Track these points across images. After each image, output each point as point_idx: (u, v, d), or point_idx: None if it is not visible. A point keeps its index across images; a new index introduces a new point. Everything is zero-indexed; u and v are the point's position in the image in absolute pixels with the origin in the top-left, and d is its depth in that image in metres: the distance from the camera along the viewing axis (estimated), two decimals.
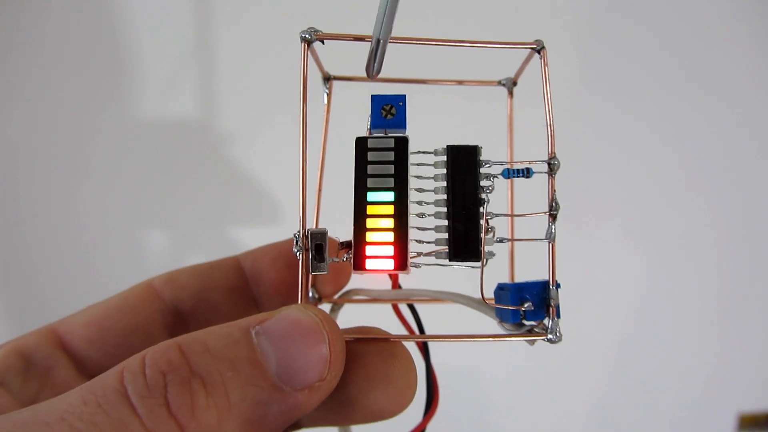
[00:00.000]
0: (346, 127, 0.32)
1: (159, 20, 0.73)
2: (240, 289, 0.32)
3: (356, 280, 0.32)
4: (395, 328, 0.32)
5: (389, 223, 0.24)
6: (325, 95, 0.34)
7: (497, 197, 0.27)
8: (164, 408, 0.20)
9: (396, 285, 0.31)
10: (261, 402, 0.21)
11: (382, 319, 0.34)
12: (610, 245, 0.76)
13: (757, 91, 0.78)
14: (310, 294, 0.32)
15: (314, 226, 0.33)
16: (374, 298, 0.32)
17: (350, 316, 0.35)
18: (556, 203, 0.25)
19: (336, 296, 0.33)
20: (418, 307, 0.31)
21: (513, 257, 0.33)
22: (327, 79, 0.33)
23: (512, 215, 0.26)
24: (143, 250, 0.76)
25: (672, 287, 0.79)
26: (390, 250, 0.24)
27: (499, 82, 0.34)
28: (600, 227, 0.76)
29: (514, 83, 0.33)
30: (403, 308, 0.31)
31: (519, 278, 0.34)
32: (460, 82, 0.35)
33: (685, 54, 0.77)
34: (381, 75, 0.35)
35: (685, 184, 0.78)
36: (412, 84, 0.33)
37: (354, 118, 0.31)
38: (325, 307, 0.34)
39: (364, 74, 0.34)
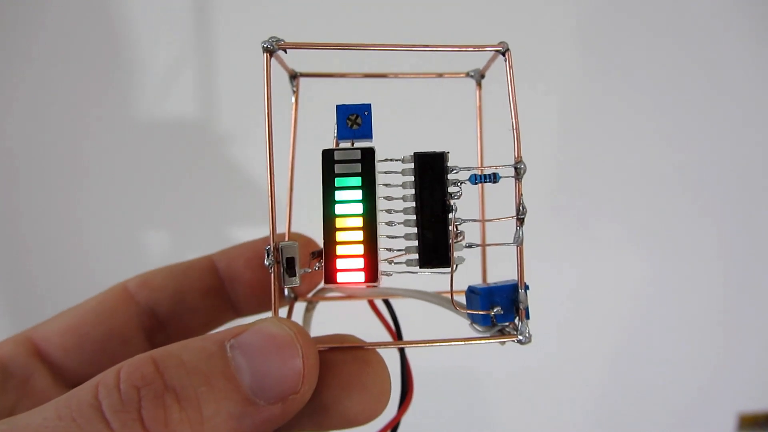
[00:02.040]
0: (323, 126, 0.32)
1: (158, 20, 0.72)
2: (215, 290, 0.32)
3: None
4: (371, 324, 0.32)
5: (359, 235, 0.24)
6: (293, 93, 0.33)
7: (469, 201, 0.27)
8: (138, 423, 0.20)
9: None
10: (234, 416, 0.22)
11: (358, 314, 0.34)
12: (610, 245, 0.76)
13: (759, 90, 0.78)
14: (286, 293, 0.32)
15: (286, 230, 0.33)
16: (349, 295, 0.33)
17: (326, 313, 0.35)
18: (523, 207, 0.25)
19: (311, 294, 0.33)
20: (393, 303, 0.31)
21: (485, 262, 0.33)
22: (293, 76, 0.33)
23: (483, 220, 0.26)
24: (142, 250, 0.76)
25: (672, 287, 0.79)
26: (360, 263, 0.24)
27: (467, 74, 0.34)
28: (601, 227, 0.76)
29: (482, 75, 0.33)
30: (380, 304, 0.32)
31: (497, 276, 0.34)
32: (427, 75, 0.34)
33: (688, 50, 0.77)
34: (351, 70, 0.34)
35: (685, 183, 0.78)
36: (384, 82, 0.32)
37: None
38: (301, 305, 0.34)
39: (337, 69, 0.34)
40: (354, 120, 0.25)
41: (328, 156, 0.25)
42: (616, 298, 0.78)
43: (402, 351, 0.30)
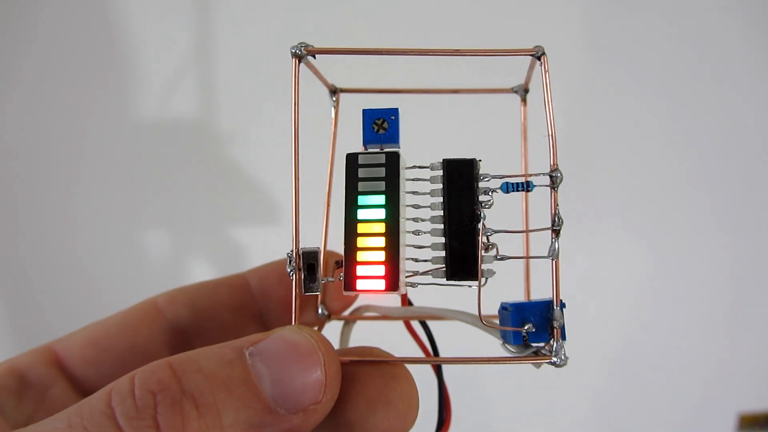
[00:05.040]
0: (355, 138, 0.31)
1: (159, 20, 0.73)
2: (247, 307, 0.32)
3: (367, 297, 0.32)
4: (407, 344, 0.31)
5: (380, 241, 0.23)
6: (332, 108, 0.33)
7: (502, 211, 0.26)
8: (153, 430, 0.19)
9: (405, 302, 0.30)
10: (254, 425, 0.21)
11: (394, 334, 0.33)
12: (611, 245, 0.75)
13: (761, 88, 0.76)
14: (320, 311, 0.32)
15: (323, 244, 0.32)
16: (384, 315, 0.31)
17: (362, 332, 0.34)
18: (559, 218, 0.24)
19: (346, 312, 0.33)
20: (429, 323, 0.30)
21: (528, 275, 0.31)
22: (333, 91, 0.33)
23: (511, 231, 0.24)
24: (142, 251, 0.76)
25: (673, 287, 0.77)
26: (381, 270, 0.23)
27: (512, 90, 0.33)
28: (601, 226, 0.74)
29: (526, 90, 0.32)
30: (416, 325, 0.31)
31: (536, 294, 0.32)
32: (472, 91, 0.34)
33: (687, 49, 0.75)
34: (392, 86, 0.34)
35: (686, 183, 0.76)
36: (419, 94, 0.32)
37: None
38: (335, 324, 0.33)
39: (374, 84, 0.33)
40: (380, 124, 0.24)
41: (351, 159, 0.24)
42: (616, 297, 0.77)
43: (439, 371, 0.29)
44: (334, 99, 0.33)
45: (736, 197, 0.77)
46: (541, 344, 0.24)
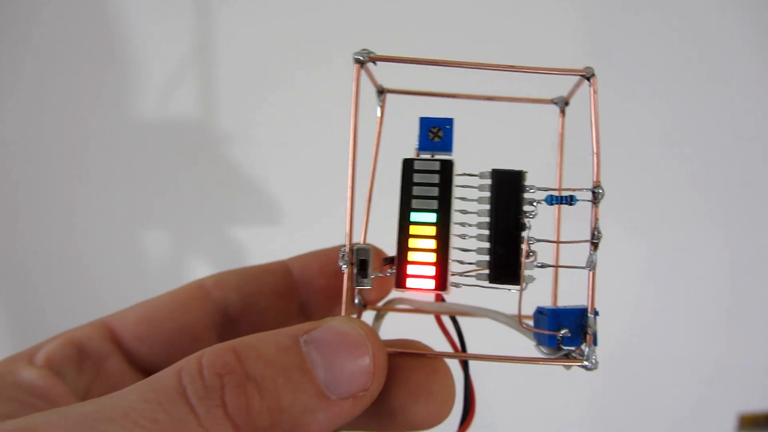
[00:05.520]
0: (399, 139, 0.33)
1: (159, 20, 0.74)
2: (288, 294, 0.34)
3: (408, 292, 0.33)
4: (434, 337, 0.32)
5: (431, 244, 0.25)
6: (378, 108, 0.34)
7: (539, 221, 0.27)
8: (221, 409, 0.21)
9: (439, 298, 0.32)
10: (308, 408, 0.22)
11: (422, 327, 0.35)
12: (610, 244, 0.76)
13: (761, 88, 0.77)
14: (356, 300, 0.33)
15: (362, 240, 0.34)
16: (417, 308, 0.33)
17: (392, 324, 0.36)
18: (599, 232, 0.25)
19: (380, 303, 0.34)
20: (459, 320, 0.32)
21: (557, 283, 0.33)
22: (381, 92, 0.34)
23: (553, 241, 0.26)
24: (142, 250, 0.77)
25: (672, 287, 0.78)
26: (431, 271, 0.25)
27: (552, 101, 0.34)
28: (602, 226, 0.75)
29: (566, 103, 0.33)
30: (446, 320, 0.32)
31: (558, 301, 0.34)
32: (512, 100, 0.35)
33: (687, 48, 0.76)
34: (434, 89, 0.35)
35: (687, 183, 0.77)
36: (461, 100, 0.33)
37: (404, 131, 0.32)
38: (370, 313, 0.35)
39: (417, 87, 0.35)
40: (436, 132, 0.26)
41: (408, 165, 0.25)
42: (617, 297, 0.77)
43: (466, 366, 0.30)
44: (380, 99, 0.34)
45: (735, 197, 0.78)
46: (572, 348, 0.26)
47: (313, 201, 0.76)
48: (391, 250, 0.28)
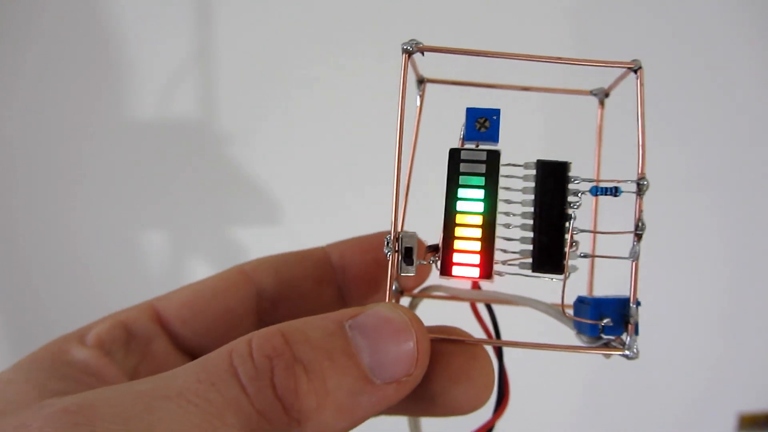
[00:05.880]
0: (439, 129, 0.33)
1: (159, 20, 0.74)
2: (326, 280, 0.34)
3: (436, 277, 0.34)
4: (468, 325, 0.33)
5: (477, 232, 0.25)
6: (418, 97, 0.35)
7: (580, 212, 0.28)
8: (270, 390, 0.22)
9: (475, 285, 0.32)
10: (354, 392, 0.23)
11: (456, 314, 0.35)
12: (610, 243, 0.76)
13: (761, 88, 0.76)
14: (394, 287, 0.34)
15: (400, 227, 0.34)
16: (453, 296, 0.34)
17: (426, 310, 0.36)
18: (642, 223, 0.26)
19: (417, 290, 0.35)
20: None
21: (593, 273, 0.33)
22: (421, 81, 0.35)
23: (598, 232, 0.26)
24: (142, 251, 0.77)
25: (673, 287, 0.78)
26: (476, 259, 0.25)
27: (591, 92, 0.34)
28: (602, 226, 0.75)
29: (606, 94, 0.33)
30: (481, 309, 0.33)
31: (595, 292, 0.34)
32: (550, 90, 0.35)
33: (687, 48, 0.76)
34: (473, 79, 0.36)
35: (687, 183, 0.77)
36: (502, 90, 0.33)
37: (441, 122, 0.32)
38: (404, 300, 0.35)
39: (456, 76, 0.35)
40: (482, 123, 0.26)
41: (455, 155, 0.26)
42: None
43: (500, 353, 0.31)
44: (420, 89, 0.35)
45: (736, 196, 0.78)
46: (612, 337, 0.27)
47: (314, 201, 0.77)
48: (426, 238, 0.28)
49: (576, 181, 0.26)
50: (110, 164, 0.76)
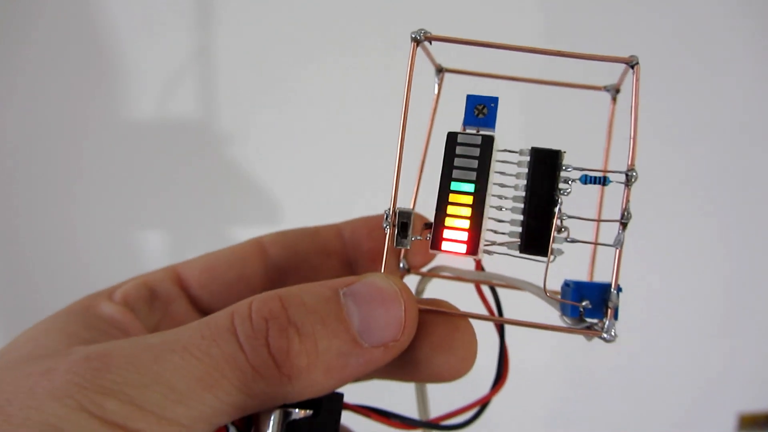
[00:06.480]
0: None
1: (159, 20, 0.74)
2: (338, 254, 0.37)
3: (443, 258, 0.35)
4: (467, 303, 0.35)
5: (467, 211, 0.27)
6: (436, 86, 0.36)
7: (583, 202, 0.29)
8: (265, 348, 0.24)
9: (479, 267, 0.34)
10: (343, 353, 0.25)
11: (458, 292, 0.37)
12: (611, 233, 0.76)
13: (762, 88, 0.74)
14: (402, 264, 0.36)
15: (412, 206, 0.36)
16: (458, 276, 0.35)
17: (432, 290, 0.38)
18: (629, 213, 0.27)
19: (424, 269, 0.37)
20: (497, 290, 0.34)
21: (594, 259, 0.34)
22: (439, 70, 0.36)
23: (582, 218, 0.28)
24: (142, 250, 0.78)
25: (673, 287, 0.77)
26: (464, 236, 0.27)
27: (604, 88, 0.35)
28: (602, 225, 0.74)
29: (617, 90, 0.34)
30: (485, 290, 0.34)
31: (596, 278, 0.35)
32: (564, 85, 0.36)
33: (687, 48, 0.74)
34: (484, 70, 0.37)
35: (686, 183, 0.76)
36: (510, 81, 0.35)
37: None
38: (413, 278, 0.37)
39: (472, 67, 0.37)
40: (480, 109, 0.28)
41: (452, 138, 0.28)
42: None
43: (502, 331, 0.32)
44: (438, 78, 0.36)
45: (735, 196, 0.77)
46: (595, 321, 0.28)
47: (314, 201, 0.77)
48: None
49: (568, 169, 0.27)
50: (110, 164, 0.77)
